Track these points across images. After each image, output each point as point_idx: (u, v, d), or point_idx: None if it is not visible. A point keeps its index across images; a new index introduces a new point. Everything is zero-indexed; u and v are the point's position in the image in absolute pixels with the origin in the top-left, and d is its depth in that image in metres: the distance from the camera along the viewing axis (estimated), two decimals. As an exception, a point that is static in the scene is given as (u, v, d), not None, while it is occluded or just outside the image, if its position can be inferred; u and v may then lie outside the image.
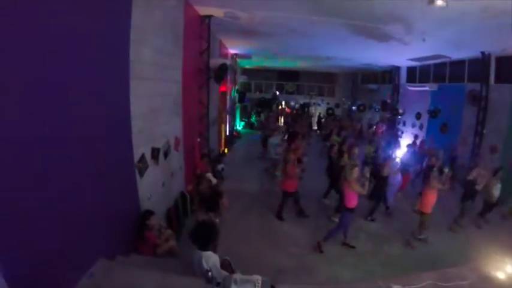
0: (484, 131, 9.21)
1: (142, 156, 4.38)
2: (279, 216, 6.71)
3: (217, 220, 4.45)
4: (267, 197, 7.85)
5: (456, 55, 9.95)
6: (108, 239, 3.45)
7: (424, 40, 7.09)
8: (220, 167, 9.14)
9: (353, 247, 5.63)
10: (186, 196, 6.39)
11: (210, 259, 3.11)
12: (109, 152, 3.38)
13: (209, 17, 7.21)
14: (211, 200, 4.81)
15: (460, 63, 10.43)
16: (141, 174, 4.35)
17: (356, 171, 5.27)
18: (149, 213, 4.18)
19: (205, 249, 3.17)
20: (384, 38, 7.73)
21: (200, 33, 7.31)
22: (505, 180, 6.77)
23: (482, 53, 8.86)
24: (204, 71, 7.68)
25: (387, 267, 5.09)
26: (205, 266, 3.02)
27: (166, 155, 5.37)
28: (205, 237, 3.24)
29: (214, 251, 3.30)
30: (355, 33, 7.65)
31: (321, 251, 5.45)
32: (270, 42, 10.42)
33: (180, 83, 6.00)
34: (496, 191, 6.66)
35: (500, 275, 3.39)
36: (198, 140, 7.88)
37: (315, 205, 7.55)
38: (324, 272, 4.94)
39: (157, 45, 4.73)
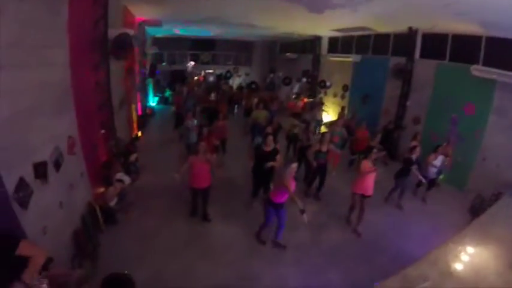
0: (408, 103, 9.71)
1: (21, 181, 3.09)
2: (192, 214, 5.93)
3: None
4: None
5: (382, 28, 10.06)
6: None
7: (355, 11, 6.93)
8: (133, 157, 7.82)
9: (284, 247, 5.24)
10: (95, 207, 5.16)
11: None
12: None
13: (108, -28, 5.56)
14: None
15: (385, 36, 10.63)
16: (25, 205, 3.12)
17: (294, 168, 4.80)
18: (46, 261, 3.03)
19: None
20: (315, 7, 7.29)
21: (95, -5, 5.58)
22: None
23: (410, 28, 9.08)
24: (100, 45, 6.06)
25: (331, 257, 5.03)
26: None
27: (58, 165, 4.04)
28: None
29: None
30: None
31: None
32: (186, 6, 8.97)
33: (66, 65, 4.46)
34: (433, 167, 6.77)
35: (459, 267, 3.45)
36: (103, 131, 6.44)
37: (239, 195, 6.86)
38: (269, 277, 4.55)
39: (24, 14, 3.21)
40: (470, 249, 3.75)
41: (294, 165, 4.80)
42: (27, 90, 3.34)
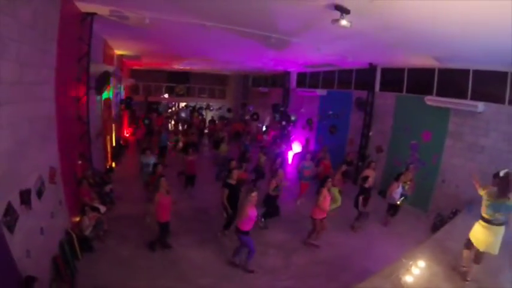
0: (370, 133, 10.44)
1: (9, 207, 3.31)
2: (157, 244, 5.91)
3: None
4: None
5: (345, 64, 11.00)
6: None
7: (319, 50, 7.66)
8: (108, 188, 7.93)
9: (251, 271, 5.46)
10: (72, 235, 5.26)
11: None
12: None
13: (92, 15, 6.05)
14: None
15: (348, 72, 11.69)
16: (11, 230, 3.31)
17: (254, 197, 5.18)
18: (31, 280, 3.31)
19: None
20: (281, 46, 7.99)
21: (80, 34, 6.02)
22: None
23: (370, 64, 10.05)
24: (83, 80, 6.44)
25: (300, 279, 5.38)
26: None
27: (40, 193, 4.23)
28: None
29: None
30: (252, 40, 7.66)
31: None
32: (162, 44, 9.64)
33: (52, 100, 4.81)
34: (397, 194, 7.03)
35: (410, 279, 3.86)
36: (80, 162, 6.62)
37: (211, 224, 7.06)
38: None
39: (22, 56, 3.60)
40: (421, 263, 4.20)
41: (254, 194, 5.19)
42: (23, 123, 3.68)
